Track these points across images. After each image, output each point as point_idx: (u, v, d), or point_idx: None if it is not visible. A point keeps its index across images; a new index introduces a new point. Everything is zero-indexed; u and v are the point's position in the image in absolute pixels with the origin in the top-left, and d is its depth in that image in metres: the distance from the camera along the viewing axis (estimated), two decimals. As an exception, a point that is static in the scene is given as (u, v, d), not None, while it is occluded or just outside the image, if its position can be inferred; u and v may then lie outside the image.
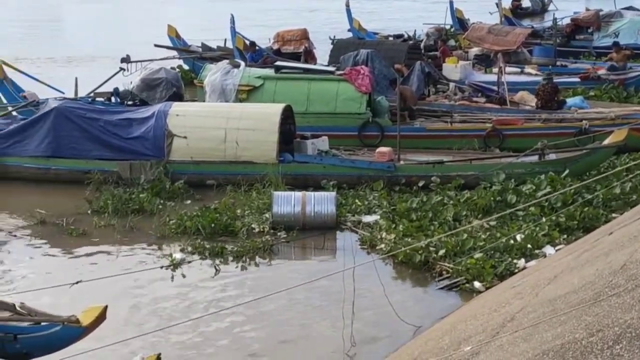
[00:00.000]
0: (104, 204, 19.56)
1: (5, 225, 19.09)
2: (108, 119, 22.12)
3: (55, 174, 21.83)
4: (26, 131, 22.23)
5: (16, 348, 12.18)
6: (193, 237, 17.92)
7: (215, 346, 13.51)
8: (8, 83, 26.70)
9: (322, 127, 23.39)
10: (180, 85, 27.00)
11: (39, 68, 32.20)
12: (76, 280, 12.92)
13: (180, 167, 21.28)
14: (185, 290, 15.66)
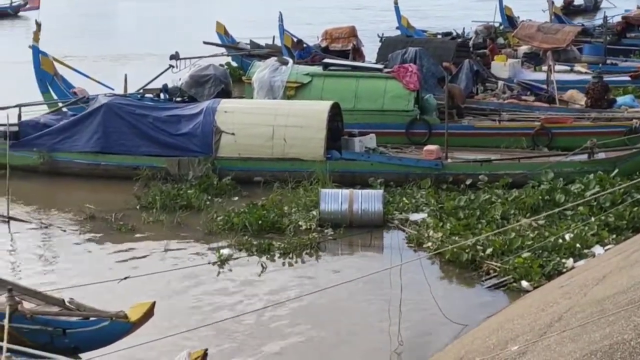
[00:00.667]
0: (152, 200, 19.69)
1: (54, 220, 19.27)
2: (157, 115, 22.26)
3: (105, 169, 22.01)
4: (76, 127, 22.43)
5: (65, 342, 12.32)
6: (240, 233, 17.97)
7: (261, 342, 13.53)
8: (59, 79, 26.92)
9: (369, 124, 23.37)
10: (229, 82, 27.12)
11: (89, 65, 32.43)
12: (124, 276, 13.05)
13: (227, 164, 21.35)
14: (232, 287, 15.72)
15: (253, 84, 25.45)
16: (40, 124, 23.19)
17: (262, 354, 13.20)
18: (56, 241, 18.23)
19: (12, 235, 18.57)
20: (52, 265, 16.97)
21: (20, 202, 20.27)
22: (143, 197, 19.96)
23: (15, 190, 19.79)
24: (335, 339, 13.77)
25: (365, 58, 33.46)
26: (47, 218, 19.42)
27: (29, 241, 18.19)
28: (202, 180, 20.79)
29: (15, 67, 37.41)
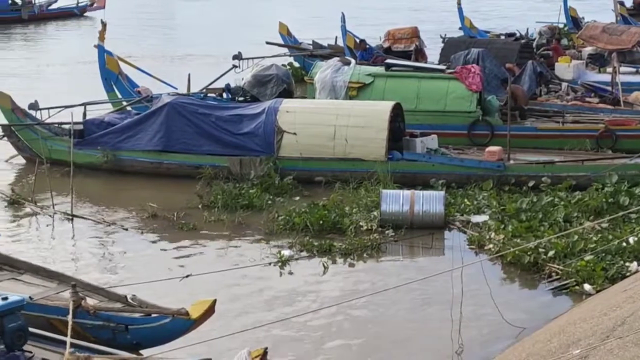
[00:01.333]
0: (214, 199, 19.80)
1: (117, 218, 19.46)
2: (219, 114, 22.37)
3: (167, 168, 22.18)
4: (139, 126, 22.63)
5: (127, 339, 12.45)
6: (301, 233, 17.99)
7: (321, 343, 13.56)
8: (123, 78, 27.21)
9: (431, 125, 23.28)
10: (291, 82, 27.23)
11: (153, 64, 32.71)
12: (186, 274, 13.14)
13: (289, 164, 21.40)
14: (293, 287, 15.75)
15: (315, 84, 25.48)
16: (104, 122, 23.44)
17: (320, 354, 13.22)
18: (119, 239, 18.40)
19: (76, 232, 18.77)
20: (115, 263, 17.14)
21: (83, 200, 20.52)
22: (205, 196, 20.08)
23: (78, 188, 20.04)
24: (394, 341, 13.74)
25: (427, 59, 33.32)
26: (110, 216, 19.60)
27: (92, 239, 18.38)
28: (263, 180, 20.86)
29: (81, 66, 37.97)
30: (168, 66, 37.80)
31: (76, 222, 19.17)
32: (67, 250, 17.78)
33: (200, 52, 43.60)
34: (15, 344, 11.10)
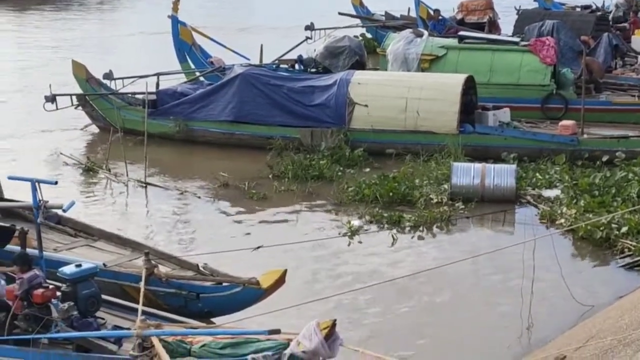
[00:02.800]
0: (285, 170, 19.88)
1: (190, 187, 19.63)
2: (291, 86, 22.42)
3: (239, 138, 22.30)
4: (212, 96, 22.77)
5: (198, 306, 12.59)
6: (371, 205, 18.01)
7: (391, 314, 13.57)
8: (196, 49, 27.37)
9: (504, 98, 23.09)
10: (363, 54, 27.15)
11: (226, 35, 32.78)
12: (257, 244, 13.23)
13: (360, 135, 21.40)
14: (362, 258, 15.78)
15: (387, 55, 25.41)
16: (177, 92, 23.63)
17: (389, 327, 13.23)
18: (191, 207, 18.58)
19: (149, 200, 19.00)
20: (187, 231, 17.31)
21: (157, 169, 20.74)
22: (275, 166, 20.17)
23: (151, 157, 20.24)
24: (463, 315, 13.70)
25: (501, 31, 33.00)
26: (182, 185, 19.80)
27: (165, 207, 18.59)
28: (334, 151, 20.89)
29: (154, 37, 38.22)
30: (240, 37, 37.88)
31: (149, 190, 19.41)
32: (140, 218, 18.00)
33: (272, 23, 43.66)
34: (88, 311, 11.29)
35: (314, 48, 27.54)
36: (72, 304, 11.14)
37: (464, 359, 12.43)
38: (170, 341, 10.28)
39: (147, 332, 10.20)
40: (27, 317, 11.01)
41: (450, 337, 12.97)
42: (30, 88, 28.78)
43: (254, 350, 9.98)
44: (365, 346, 10.52)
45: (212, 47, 27.95)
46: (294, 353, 9.76)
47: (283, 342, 9.99)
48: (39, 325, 10.91)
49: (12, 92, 29.05)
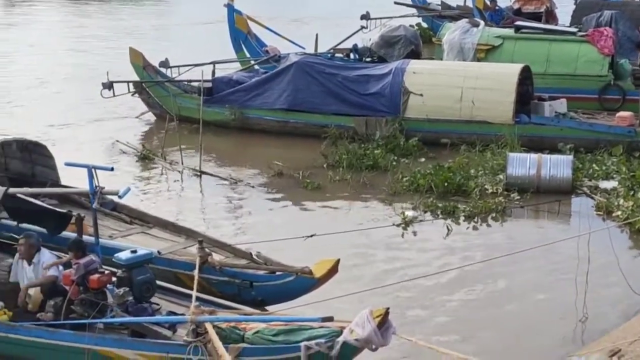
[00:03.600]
0: (339, 159, 19.87)
1: (244, 175, 19.71)
2: (346, 74, 22.40)
3: (293, 127, 22.33)
4: (267, 84, 22.82)
5: (251, 295, 12.64)
6: (425, 195, 17.95)
7: (443, 304, 13.52)
8: (252, 38, 27.45)
9: (560, 88, 22.90)
10: (419, 43, 27.05)
11: (281, 24, 32.87)
12: (310, 233, 13.23)
13: (415, 125, 21.32)
14: (416, 248, 15.74)
15: (443, 45, 25.30)
16: (232, 80, 23.73)
17: (442, 317, 13.18)
18: (245, 196, 18.64)
19: (203, 188, 19.10)
20: (240, 219, 17.37)
21: (211, 157, 20.84)
22: (330, 155, 20.17)
23: (206, 145, 20.34)
24: (517, 307, 13.60)
25: (558, 21, 32.73)
26: (236, 173, 19.86)
27: (219, 195, 18.67)
28: (388, 141, 20.85)
29: (210, 25, 38.40)
30: (295, 27, 37.95)
31: (204, 178, 19.50)
32: (195, 206, 18.10)
33: (328, 12, 43.65)
34: (143, 296, 11.38)
35: (370, 37, 27.49)
36: (128, 290, 11.25)
37: (517, 350, 12.34)
38: (224, 327, 10.35)
39: (201, 318, 10.28)
40: (83, 302, 11.14)
41: (503, 329, 12.89)
42: (87, 76, 29.03)
43: (306, 337, 10.00)
44: (418, 336, 10.51)
45: (268, 35, 28.01)
46: (346, 340, 9.77)
47: (336, 330, 10.00)
48: (95, 310, 11.04)
49: (69, 81, 29.36)
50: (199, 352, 10.20)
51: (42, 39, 37.90)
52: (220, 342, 9.95)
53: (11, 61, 32.95)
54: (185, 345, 10.27)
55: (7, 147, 16.30)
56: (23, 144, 16.16)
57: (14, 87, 28.54)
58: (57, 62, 32.06)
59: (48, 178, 15.89)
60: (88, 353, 10.67)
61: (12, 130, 18.98)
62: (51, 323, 11.17)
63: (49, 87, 28.36)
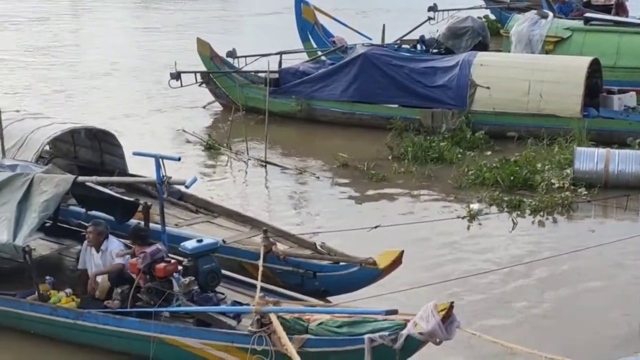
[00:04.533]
0: (405, 151, 19.82)
1: (309, 167, 19.75)
2: (413, 66, 22.32)
3: (359, 118, 22.33)
4: (333, 76, 22.82)
5: (315, 285, 12.68)
6: (491, 188, 17.84)
7: (506, 302, 13.40)
8: (319, 28, 27.47)
9: (631, 82, 22.58)
10: (486, 35, 26.87)
11: (347, 16, 32.82)
12: (375, 224, 13.22)
13: (481, 118, 21.19)
14: (481, 242, 15.65)
15: (511, 37, 25.11)
16: (299, 71, 23.77)
17: (506, 312, 13.08)
18: (309, 187, 18.69)
19: (268, 179, 19.18)
20: (305, 210, 17.43)
21: (276, 147, 20.91)
22: (395, 147, 20.13)
23: (272, 136, 20.42)
24: (582, 305, 13.42)
25: (628, 13, 32.22)
26: (301, 164, 19.91)
27: (284, 185, 18.74)
28: (454, 133, 20.75)
29: (277, 15, 38.51)
30: (362, 17, 37.90)
31: (269, 168, 19.58)
32: (260, 196, 18.18)
33: (395, 3, 43.47)
34: (208, 285, 11.48)
35: (437, 29, 27.38)
36: (193, 279, 11.34)
37: (584, 347, 12.19)
38: (288, 318, 10.40)
39: (266, 308, 10.34)
40: (150, 290, 11.25)
41: (568, 325, 12.74)
42: (153, 67, 29.30)
43: (370, 329, 10.02)
44: (482, 330, 10.46)
45: (335, 26, 28.01)
46: (410, 334, 9.77)
47: (400, 323, 10.00)
48: (161, 299, 11.14)
49: (135, 72, 29.64)
50: (263, 342, 10.28)
51: (107, 31, 38.27)
52: (284, 332, 10.01)
53: (78, 53, 33.34)
54: (249, 335, 10.35)
55: (77, 135, 16.56)
56: (92, 132, 16.40)
57: (81, 78, 28.89)
58: (123, 54, 32.36)
59: (116, 166, 16.11)
60: (154, 341, 10.80)
61: (81, 119, 19.19)
62: (118, 311, 11.31)
63: (115, 78, 28.65)
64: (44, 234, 13.59)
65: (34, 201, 11.88)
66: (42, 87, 27.21)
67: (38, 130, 15.16)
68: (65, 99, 25.84)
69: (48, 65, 30.77)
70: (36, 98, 25.65)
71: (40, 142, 14.88)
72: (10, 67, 29.51)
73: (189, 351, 10.87)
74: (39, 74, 29.07)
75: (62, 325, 11.44)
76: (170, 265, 11.36)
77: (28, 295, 11.75)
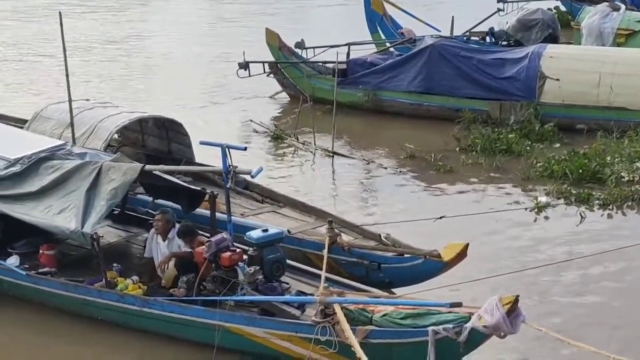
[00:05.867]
0: (472, 143, 19.71)
1: (376, 157, 19.72)
2: (481, 58, 22.18)
3: (427, 110, 22.24)
4: (401, 67, 22.75)
5: (379, 277, 12.67)
6: (559, 181, 17.67)
7: (575, 296, 13.26)
8: (387, 20, 27.39)
9: None
10: (556, 27, 26.56)
11: (415, 7, 32.65)
12: (439, 215, 13.14)
13: (550, 110, 20.98)
14: (548, 235, 15.50)
15: (582, 29, 24.87)
16: (367, 62, 23.74)
17: (572, 308, 12.93)
18: (376, 178, 18.68)
19: (335, 169, 19.19)
20: (370, 201, 17.42)
21: (344, 138, 20.90)
22: (463, 139, 20.03)
23: (339, 126, 20.40)
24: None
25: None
26: (368, 155, 19.89)
27: (350, 176, 18.73)
28: (523, 125, 20.58)
29: (344, 7, 38.48)
30: (430, 9, 37.67)
31: (335, 159, 19.59)
32: (325, 186, 18.20)
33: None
34: (273, 275, 11.53)
35: (506, 20, 27.14)
36: (258, 268, 11.40)
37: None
38: (352, 309, 10.40)
39: (330, 299, 10.36)
40: (215, 279, 11.33)
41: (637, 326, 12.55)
42: (222, 56, 29.45)
43: (434, 322, 10.00)
44: (547, 326, 10.37)
45: (403, 18, 27.91)
46: (475, 327, 9.73)
47: (464, 315, 9.97)
48: (226, 288, 11.21)
49: (204, 61, 29.80)
50: (327, 333, 10.30)
51: (176, 20, 38.49)
52: (347, 324, 10.02)
53: (147, 43, 33.59)
54: (313, 326, 10.38)
55: (145, 124, 16.72)
56: (160, 121, 16.54)
57: (149, 67, 29.17)
58: (191, 44, 32.55)
59: (183, 155, 16.24)
60: (218, 329, 10.87)
61: (148, 108, 19.36)
62: (183, 299, 11.41)
63: (183, 68, 28.81)
64: (111, 222, 13.75)
65: (102, 189, 12.03)
66: (110, 76, 27.50)
67: (107, 118, 15.33)
68: (134, 88, 26.10)
69: (118, 54, 31.09)
70: (105, 87, 25.96)
71: (109, 131, 15.05)
72: (83, 56, 29.85)
73: (253, 340, 10.93)
74: (108, 63, 29.39)
75: (128, 312, 11.57)
76: (236, 254, 11.43)
77: (95, 282, 11.90)
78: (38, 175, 12.64)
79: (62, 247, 12.99)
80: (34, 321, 12.18)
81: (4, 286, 12.47)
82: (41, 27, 35.65)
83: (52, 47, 29.80)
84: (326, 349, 10.34)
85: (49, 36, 32.51)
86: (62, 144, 13.61)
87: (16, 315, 12.36)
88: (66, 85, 14.54)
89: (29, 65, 29.08)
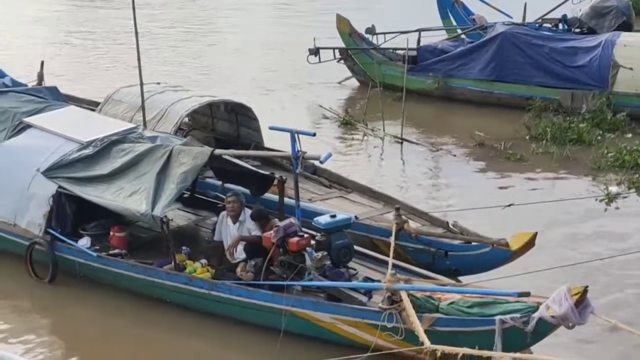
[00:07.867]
0: (543, 131, 19.54)
1: (445, 144, 19.65)
2: (553, 46, 21.98)
3: (497, 98, 22.10)
4: (472, 54, 22.64)
5: (446, 264, 12.64)
6: (630, 171, 17.46)
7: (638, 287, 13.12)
8: (459, 6, 27.19)
9: None
10: (631, 15, 26.12)
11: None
12: (508, 203, 13.06)
13: (623, 99, 20.73)
14: (618, 225, 15.32)
15: (657, 17, 24.43)
16: (437, 49, 23.64)
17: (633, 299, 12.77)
18: (445, 165, 18.61)
19: (403, 156, 19.15)
20: (439, 188, 17.35)
21: (412, 125, 20.83)
22: (533, 127, 19.87)
23: (408, 113, 20.34)
24: None
25: None
26: (437, 142, 19.83)
27: (419, 163, 18.69)
28: (594, 115, 20.36)
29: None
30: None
31: (404, 145, 19.54)
32: (394, 173, 18.17)
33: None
34: (340, 261, 11.56)
35: (580, 8, 26.77)
36: (326, 254, 11.44)
37: None
38: (419, 297, 10.40)
39: (397, 286, 10.37)
40: (282, 263, 11.39)
41: None
42: (292, 43, 29.48)
43: (502, 311, 9.96)
44: (616, 318, 10.26)
45: (475, 4, 27.68)
46: (542, 317, 9.68)
47: (532, 305, 9.92)
48: (293, 273, 11.26)
49: (274, 47, 29.85)
50: (393, 320, 10.32)
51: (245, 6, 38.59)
52: (414, 311, 10.01)
53: (219, 30, 33.75)
54: (380, 312, 10.40)
55: (215, 108, 16.83)
56: (230, 105, 16.64)
57: (220, 53, 29.30)
58: (262, 30, 32.65)
59: (252, 140, 16.33)
60: (285, 314, 10.93)
61: (219, 93, 19.47)
62: (251, 283, 11.48)
63: (252, 54, 28.90)
64: (181, 205, 13.87)
65: (173, 172, 12.15)
66: (182, 61, 27.69)
67: (178, 102, 15.46)
68: (204, 73, 26.25)
69: (188, 40, 31.29)
70: (176, 71, 26.13)
71: (179, 115, 15.19)
72: (155, 42, 30.09)
73: (320, 325, 10.98)
74: (179, 49, 29.60)
75: (196, 295, 11.68)
76: (303, 239, 11.48)
77: (164, 264, 12.02)
78: (110, 158, 12.81)
79: (132, 229, 13.15)
80: (104, 302, 12.35)
81: (76, 267, 12.66)
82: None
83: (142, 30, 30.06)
84: (392, 336, 10.35)
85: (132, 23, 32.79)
86: (133, 127, 13.78)
87: (86, 297, 12.54)
88: (138, 68, 14.71)
89: (111, 48, 29.37)
